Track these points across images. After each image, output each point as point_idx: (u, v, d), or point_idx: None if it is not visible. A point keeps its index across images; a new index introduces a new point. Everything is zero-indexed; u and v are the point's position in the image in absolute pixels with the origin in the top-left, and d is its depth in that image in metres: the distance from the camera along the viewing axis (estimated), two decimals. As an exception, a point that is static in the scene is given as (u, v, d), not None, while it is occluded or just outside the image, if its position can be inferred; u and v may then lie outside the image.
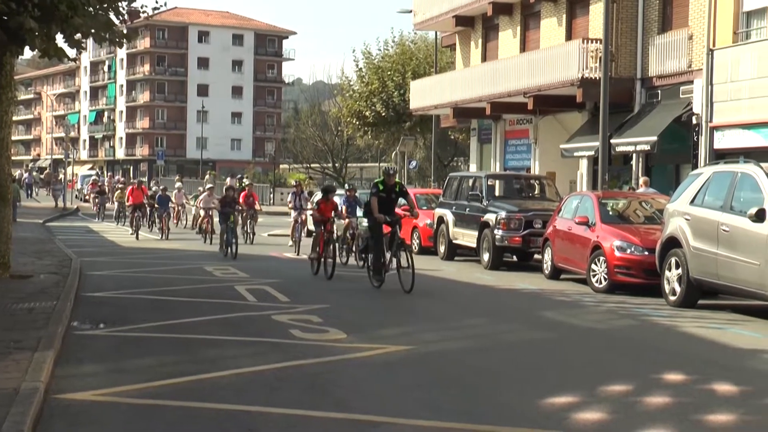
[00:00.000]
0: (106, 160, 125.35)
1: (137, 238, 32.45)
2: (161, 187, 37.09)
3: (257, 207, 32.78)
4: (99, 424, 7.69)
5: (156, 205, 35.12)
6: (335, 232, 21.48)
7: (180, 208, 40.26)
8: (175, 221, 38.88)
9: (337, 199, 23.38)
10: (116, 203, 44.31)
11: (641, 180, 26.32)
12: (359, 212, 24.44)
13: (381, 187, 18.26)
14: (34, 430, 7.32)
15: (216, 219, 29.06)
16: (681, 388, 9.31)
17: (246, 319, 13.85)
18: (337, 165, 75.22)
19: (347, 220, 24.38)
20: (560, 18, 34.24)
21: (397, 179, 18.87)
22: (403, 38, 57.25)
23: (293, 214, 27.85)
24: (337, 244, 21.20)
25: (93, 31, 16.33)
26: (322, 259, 20.16)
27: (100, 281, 18.58)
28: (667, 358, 11.09)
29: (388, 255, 17.89)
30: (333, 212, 21.22)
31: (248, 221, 31.37)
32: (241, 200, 30.28)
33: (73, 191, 69.72)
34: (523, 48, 36.60)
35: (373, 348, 11.30)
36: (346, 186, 29.66)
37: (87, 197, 69.18)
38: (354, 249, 24.17)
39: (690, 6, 28.13)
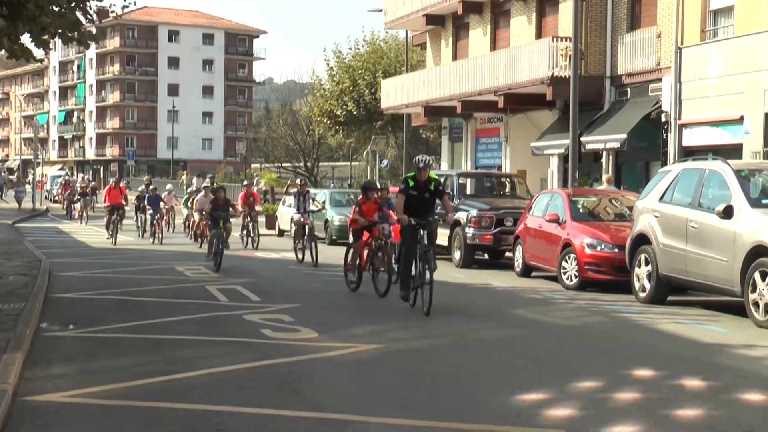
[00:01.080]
0: (75, 160, 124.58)
1: (114, 242, 30.05)
2: (151, 187, 33.87)
3: (259, 208, 30.67)
4: (68, 425, 7.65)
5: (147, 207, 31.92)
6: (382, 237, 17.66)
7: (171, 211, 36.65)
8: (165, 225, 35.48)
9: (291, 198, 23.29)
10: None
11: (604, 177, 26.47)
12: (312, 207, 24.45)
13: (411, 183, 14.84)
14: (3, 432, 7.28)
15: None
16: (650, 384, 9.37)
17: (217, 318, 13.82)
18: (308, 164, 75.07)
19: (298, 216, 23.70)
20: (530, 16, 34.36)
21: (432, 174, 15.11)
22: (374, 37, 57.31)
23: (295, 217, 24.22)
24: (380, 254, 17.25)
25: (60, 31, 16.20)
26: (364, 273, 17.28)
27: (69, 282, 18.48)
28: (637, 354, 11.15)
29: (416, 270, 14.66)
30: (377, 214, 17.84)
31: (250, 224, 28.76)
32: (239, 201, 28.50)
33: (42, 192, 69.22)
34: (494, 46, 36.70)
35: (344, 347, 11.30)
36: (298, 180, 27.79)
37: (57, 198, 68.69)
38: (311, 250, 22.66)
39: (658, 4, 28.30)
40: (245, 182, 36.86)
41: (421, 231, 14.62)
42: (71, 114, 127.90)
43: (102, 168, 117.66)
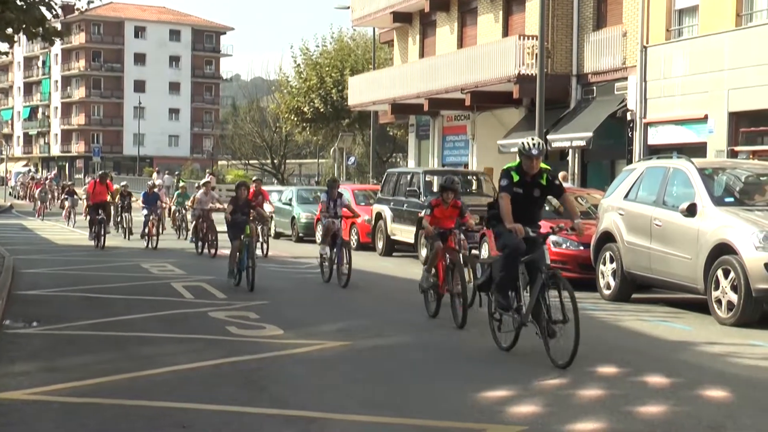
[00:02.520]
0: (41, 156, 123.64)
1: (100, 245, 26.40)
2: (149, 183, 30.87)
3: (270, 209, 26.37)
4: (30, 423, 7.60)
5: (142, 206, 28.25)
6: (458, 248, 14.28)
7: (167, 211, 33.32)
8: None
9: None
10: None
11: (560, 175, 26.58)
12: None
13: (516, 178, 10.68)
14: (-36, 430, 7.22)
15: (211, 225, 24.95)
16: (614, 381, 9.43)
17: (182, 316, 13.77)
18: (276, 161, 74.93)
19: (328, 221, 18.60)
20: (497, 14, 34.45)
21: (544, 164, 10.93)
22: (342, 34, 57.25)
23: (324, 221, 19.28)
24: (466, 270, 13.74)
25: (25, 26, 16.09)
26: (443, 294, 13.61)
27: (34, 279, 18.35)
28: (601, 351, 11.21)
29: (526, 296, 10.65)
30: (458, 219, 14.26)
31: (258, 228, 22.78)
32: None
33: (6, 188, 68.69)
34: (461, 44, 36.77)
35: (309, 344, 11.31)
36: (254, 178, 26.32)
37: (20, 194, 68.15)
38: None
39: (624, 4, 28.46)
40: (254, 178, 33.01)
41: (537, 246, 10.56)
42: (36, 110, 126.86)
43: (67, 164, 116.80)
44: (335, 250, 18.01)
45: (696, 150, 23.77)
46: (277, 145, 74.94)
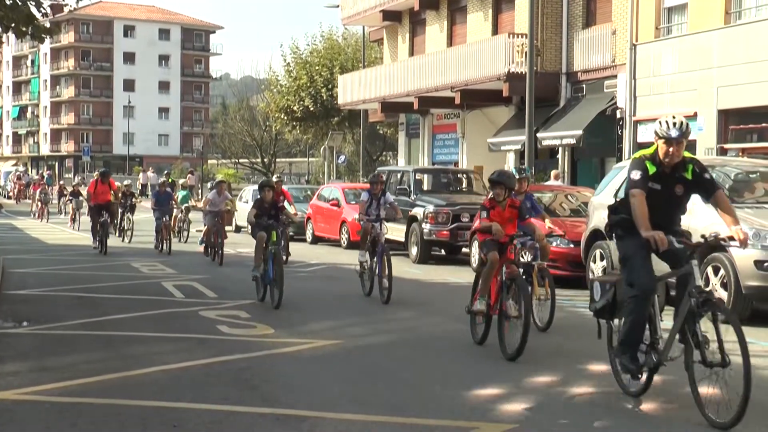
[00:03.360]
0: (30, 156, 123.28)
1: (104, 251, 24.40)
2: (160, 181, 28.63)
3: (293, 212, 22.81)
4: (20, 423, 7.57)
5: (154, 207, 26.01)
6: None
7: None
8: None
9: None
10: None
11: (552, 173, 26.65)
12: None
13: (652, 170, 8.29)
14: (-46, 430, 7.19)
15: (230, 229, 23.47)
16: (605, 378, 9.42)
17: (173, 315, 13.75)
18: (266, 160, 74.85)
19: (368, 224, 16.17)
20: (486, 13, 34.47)
21: (687, 153, 8.61)
22: (332, 33, 57.21)
23: (365, 224, 16.19)
24: (512, 288, 10.77)
25: (13, 24, 16.04)
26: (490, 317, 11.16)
27: (24, 279, 18.30)
28: (592, 348, 11.20)
29: (661, 328, 8.46)
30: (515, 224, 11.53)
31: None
32: None
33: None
34: (450, 43, 36.80)
35: (300, 343, 11.30)
36: (275, 177, 24.61)
37: (11, 194, 67.92)
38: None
39: (613, 2, 28.53)
40: (276, 177, 30.24)
41: (683, 261, 8.13)
42: (25, 109, 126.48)
43: (57, 164, 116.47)
44: (375, 258, 15.63)
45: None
46: (267, 144, 74.87)
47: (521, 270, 11.30)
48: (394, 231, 25.06)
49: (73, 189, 37.94)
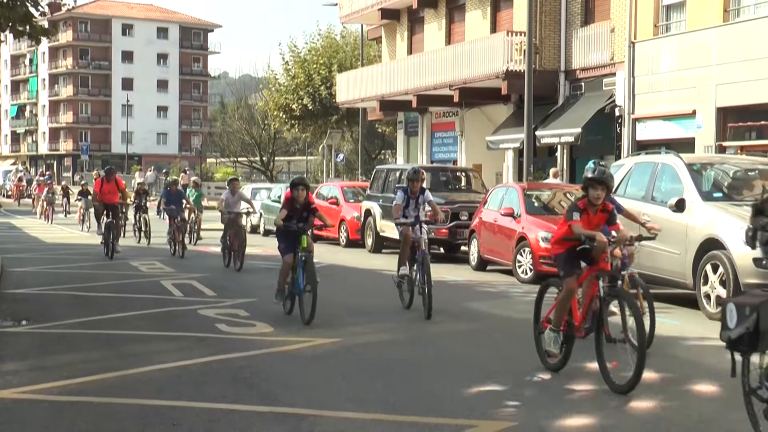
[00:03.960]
0: (28, 155, 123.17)
1: (110, 255, 22.48)
2: (171, 179, 26.69)
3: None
4: (19, 422, 7.57)
5: (164, 207, 24.63)
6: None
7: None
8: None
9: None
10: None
11: (551, 171, 26.65)
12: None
13: None
14: (-47, 429, 7.19)
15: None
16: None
17: (172, 314, 13.75)
18: (264, 159, 74.85)
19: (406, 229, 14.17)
20: (485, 11, 34.46)
21: None
22: (330, 31, 57.20)
23: (404, 229, 14.15)
24: (612, 307, 9.12)
25: (11, 24, 16.02)
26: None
27: (22, 278, 18.29)
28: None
29: None
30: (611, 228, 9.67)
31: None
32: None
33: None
34: (449, 41, 36.78)
35: (299, 341, 11.30)
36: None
37: (10, 193, 67.83)
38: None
39: (612, -1, 28.52)
40: (231, 178, 25.71)
41: None
42: (24, 108, 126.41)
43: (55, 163, 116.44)
44: (415, 266, 13.84)
45: (684, 145, 23.81)
46: (265, 143, 74.88)
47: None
48: (393, 229, 25.06)
49: (82, 188, 36.47)
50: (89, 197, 33.13)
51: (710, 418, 7.86)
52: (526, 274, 18.65)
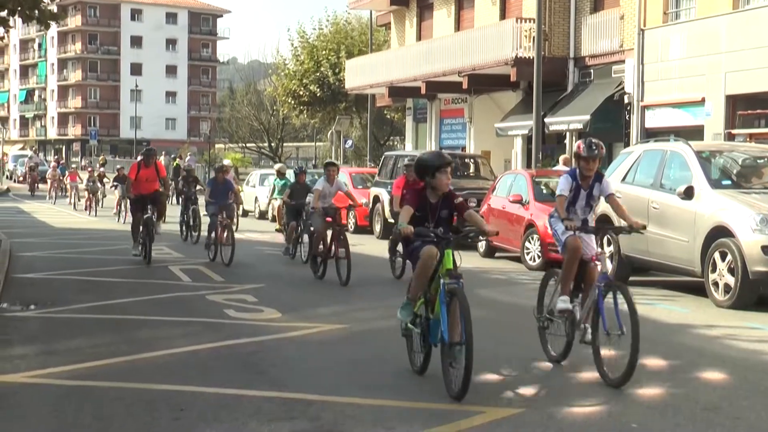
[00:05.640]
0: (37, 139, 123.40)
1: (148, 258, 18.17)
2: (219, 164, 22.92)
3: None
4: (27, 406, 7.60)
5: (209, 199, 19.70)
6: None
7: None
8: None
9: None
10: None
11: (561, 158, 26.59)
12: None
13: None
14: (-38, 413, 7.21)
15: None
16: (611, 363, 9.43)
17: (180, 299, 13.77)
18: (273, 144, 74.84)
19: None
20: (494, -3, 34.36)
21: None
22: (338, 17, 57.11)
23: (570, 241, 9.61)
24: None
25: (20, 8, 16.02)
26: None
27: (31, 262, 18.34)
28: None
29: None
30: None
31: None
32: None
33: (3, 171, 68.53)
34: (458, 27, 36.68)
35: (307, 327, 11.31)
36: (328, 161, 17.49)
37: (21, 179, 67.77)
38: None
39: (621, -14, 28.41)
40: (328, 161, 19.44)
41: None
42: (32, 93, 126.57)
43: (64, 147, 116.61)
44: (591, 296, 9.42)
45: (693, 133, 23.75)
46: (274, 129, 74.84)
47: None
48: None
49: (119, 173, 33.03)
50: (116, 185, 31.95)
51: (718, 405, 7.86)
52: (535, 261, 18.64)
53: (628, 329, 8.20)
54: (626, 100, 27.57)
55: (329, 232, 16.27)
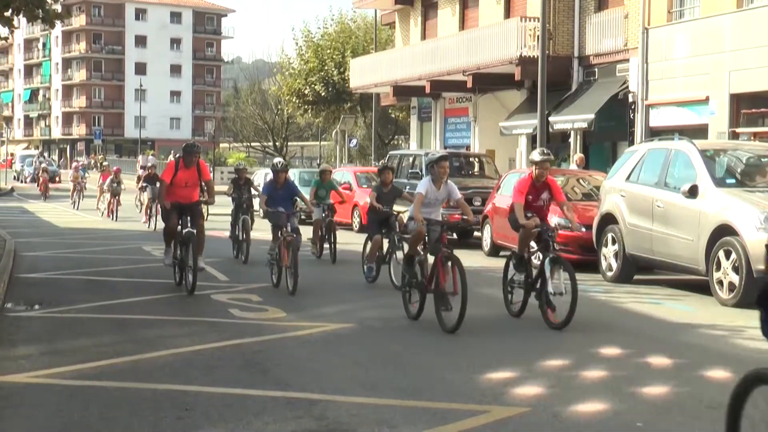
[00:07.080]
0: (41, 139, 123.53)
1: (186, 285, 14.24)
2: (278, 161, 16.88)
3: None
4: (32, 406, 7.59)
5: (267, 208, 15.38)
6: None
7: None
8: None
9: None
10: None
11: (576, 157, 26.58)
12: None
13: None
14: (-33, 412, 7.22)
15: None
16: (616, 362, 9.44)
17: (185, 298, 13.77)
18: (277, 144, 74.90)
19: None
20: (498, -4, 34.36)
21: None
22: (343, 16, 57.13)
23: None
24: None
25: (24, 8, 16.03)
26: None
27: (35, 262, 18.35)
28: (604, 332, 11.22)
29: None
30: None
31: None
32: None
33: (8, 171, 68.57)
34: (462, 26, 36.69)
35: (312, 326, 11.31)
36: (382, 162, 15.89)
37: (27, 179, 67.78)
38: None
39: (626, -15, 28.39)
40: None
41: None
42: (37, 92, 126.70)
43: (68, 147, 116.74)
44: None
45: (697, 132, 23.74)
46: (278, 128, 74.92)
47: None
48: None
49: (149, 173, 30.08)
50: (157, 185, 24.23)
51: (722, 403, 7.82)
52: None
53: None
54: (630, 99, 27.56)
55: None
